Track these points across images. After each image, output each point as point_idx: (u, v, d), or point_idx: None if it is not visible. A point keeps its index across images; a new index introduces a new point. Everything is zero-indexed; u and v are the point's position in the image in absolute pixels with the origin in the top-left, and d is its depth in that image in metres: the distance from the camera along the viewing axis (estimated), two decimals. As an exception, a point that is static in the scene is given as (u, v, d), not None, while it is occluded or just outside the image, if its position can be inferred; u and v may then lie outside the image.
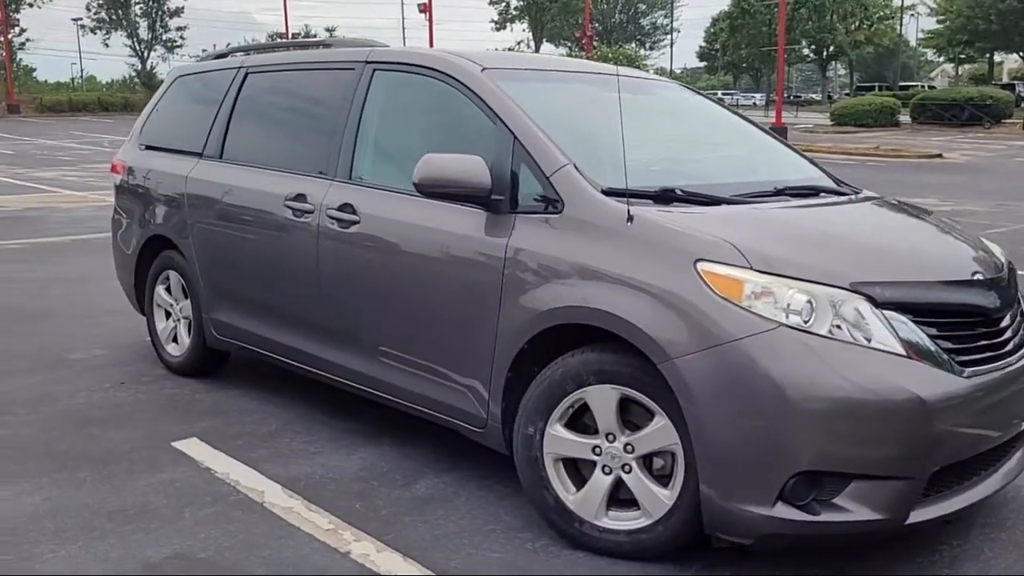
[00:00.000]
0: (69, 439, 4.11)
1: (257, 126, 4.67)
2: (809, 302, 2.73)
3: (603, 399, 2.98)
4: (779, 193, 3.50)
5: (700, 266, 2.81)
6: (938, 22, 59.82)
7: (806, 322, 2.72)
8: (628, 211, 2.97)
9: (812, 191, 3.69)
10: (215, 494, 3.55)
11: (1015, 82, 56.79)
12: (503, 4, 61.69)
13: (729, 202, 3.24)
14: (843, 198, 3.76)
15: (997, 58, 62.41)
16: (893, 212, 3.74)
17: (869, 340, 2.73)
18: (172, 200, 4.92)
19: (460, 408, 3.47)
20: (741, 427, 2.69)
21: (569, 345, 3.12)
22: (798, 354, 2.67)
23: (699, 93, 4.66)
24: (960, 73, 72.08)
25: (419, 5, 40.39)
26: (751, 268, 2.79)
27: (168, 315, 5.20)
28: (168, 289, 5.16)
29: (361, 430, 4.25)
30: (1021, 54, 53.15)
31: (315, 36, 74.95)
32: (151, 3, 58.72)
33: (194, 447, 4.04)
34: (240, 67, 4.81)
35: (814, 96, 75.46)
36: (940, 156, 24.49)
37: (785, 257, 2.86)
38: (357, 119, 3.96)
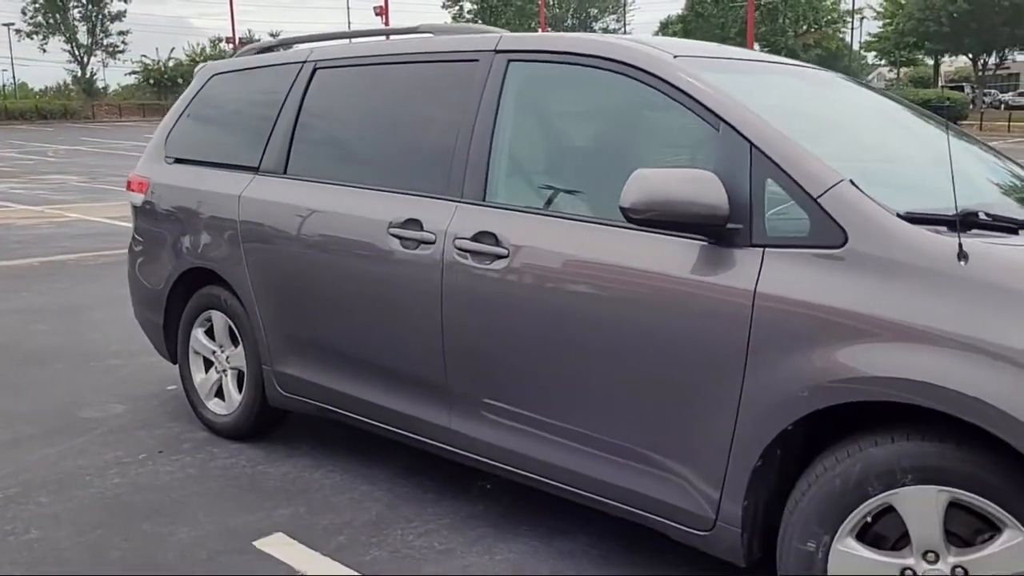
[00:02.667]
0: (120, 543, 3.18)
1: (334, 134, 3.78)
2: None
3: (923, 504, 2.17)
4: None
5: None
6: (883, 25, 60.38)
7: None
8: (960, 245, 2.16)
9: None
10: (341, 624, 2.67)
11: (963, 83, 57.67)
12: (456, 8, 60.79)
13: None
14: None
15: (930, 61, 63.23)
16: None
17: None
18: (219, 225, 4.00)
19: (669, 503, 2.64)
20: None
21: (846, 427, 2.32)
22: None
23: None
24: (900, 76, 72.99)
25: (375, 8, 39.27)
26: None
27: (209, 365, 4.27)
28: (210, 333, 4.23)
29: (484, 514, 3.39)
30: (970, 56, 53.78)
31: (258, 40, 73.21)
32: (90, 7, 56.49)
33: (285, 548, 3.14)
34: (305, 61, 3.90)
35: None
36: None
37: None
38: (490, 124, 3.10)
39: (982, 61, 53.99)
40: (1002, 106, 52.02)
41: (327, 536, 3.22)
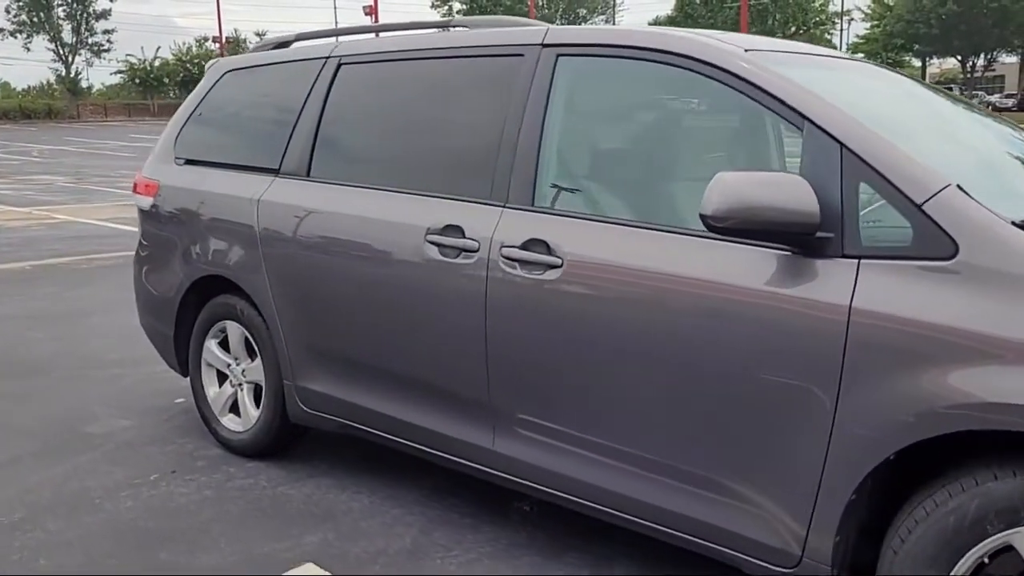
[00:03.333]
0: (136, 572, 2.94)
1: (362, 134, 3.54)
2: None
3: (1049, 545, 1.96)
4: None
5: None
6: (872, 27, 60.53)
7: None
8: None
9: None
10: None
11: (951, 85, 57.86)
12: (446, 7, 60.48)
13: None
14: None
15: (916, 63, 63.44)
16: None
17: None
18: (235, 231, 3.76)
19: (746, 536, 2.42)
20: None
21: (946, 456, 2.12)
22: None
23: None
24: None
25: (364, 8, 38.96)
26: None
27: (223, 378, 4.03)
28: (224, 344, 3.99)
29: (528, 542, 3.17)
30: (959, 58, 53.94)
31: (244, 40, 72.67)
32: (75, 5, 55.87)
33: (318, 580, 2.91)
34: (328, 57, 3.67)
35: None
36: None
37: None
38: (538, 124, 2.88)
39: (971, 63, 54.15)
40: (989, 107, 52.19)
41: (361, 566, 2.99)
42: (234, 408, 4.01)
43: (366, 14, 39.29)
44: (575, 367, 2.72)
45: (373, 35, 3.88)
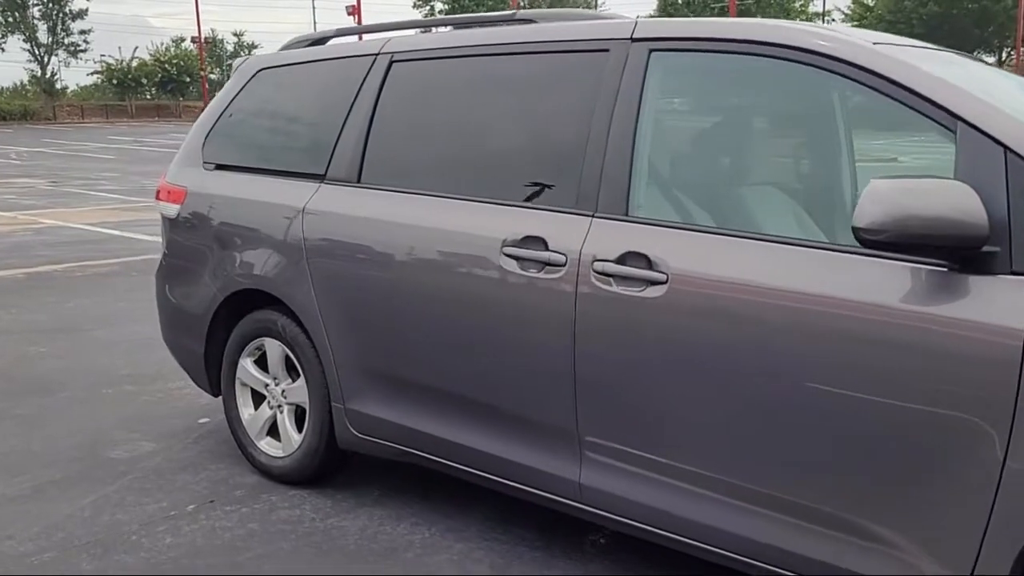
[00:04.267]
0: (192, 624, 2.67)
1: (420, 137, 3.27)
2: None
3: None
4: None
5: None
6: (853, 27, 60.74)
7: None
8: None
9: None
10: None
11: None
12: (428, 8, 60.08)
13: None
14: None
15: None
16: None
17: None
18: (277, 242, 3.48)
19: (886, 582, 2.18)
20: None
21: None
22: None
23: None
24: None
25: (347, 7, 38.53)
26: None
27: (259, 399, 3.75)
28: (260, 363, 3.71)
29: (610, 577, 2.92)
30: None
31: (222, 41, 71.91)
32: (50, 5, 54.97)
33: (394, 629, 2.64)
34: (379, 54, 3.40)
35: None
36: (895, 160, 24.11)
37: None
38: (630, 125, 2.62)
39: (950, 63, 54.40)
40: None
41: (437, 611, 2.73)
42: (272, 431, 3.73)
43: (348, 14, 38.88)
44: (680, 394, 2.47)
45: (416, 31, 3.62)
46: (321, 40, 3.90)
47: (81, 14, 56.18)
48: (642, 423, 2.58)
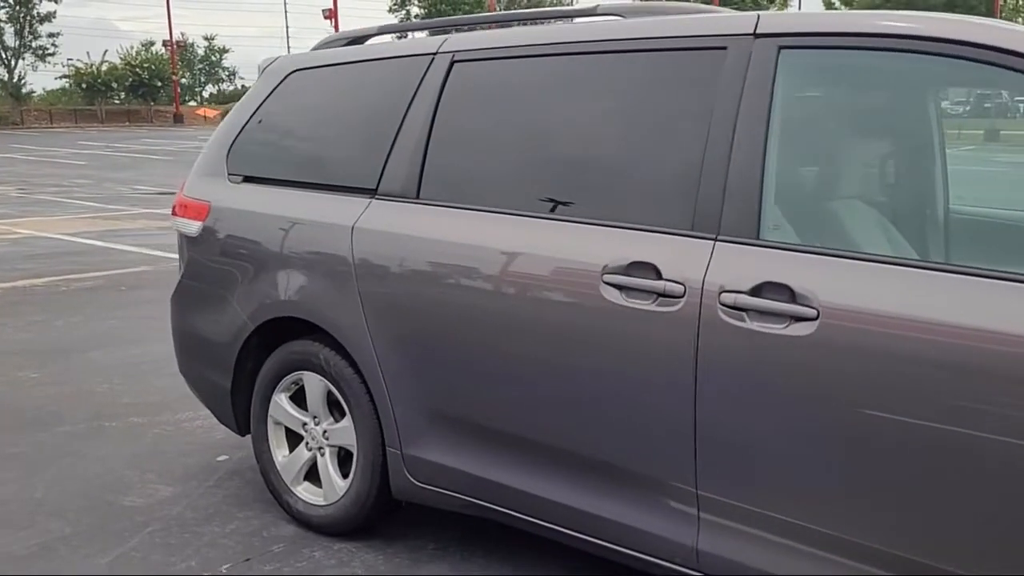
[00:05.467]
0: None
1: (492, 148, 2.88)
2: None
3: None
4: None
5: None
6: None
7: None
8: None
9: None
10: None
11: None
12: (403, 12, 59.48)
13: None
14: None
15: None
16: None
17: None
18: (321, 264, 3.09)
19: None
20: None
21: None
22: None
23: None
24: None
25: (324, 11, 37.97)
26: None
27: (295, 438, 3.35)
28: (297, 399, 3.31)
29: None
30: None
31: (192, 44, 70.91)
32: (17, 8, 53.75)
33: None
34: (437, 53, 3.01)
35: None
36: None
37: None
38: (759, 134, 2.25)
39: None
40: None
41: None
42: (311, 475, 3.33)
43: (325, 18, 38.34)
44: (828, 447, 2.11)
45: (465, 29, 3.24)
46: (360, 39, 3.51)
47: (49, 17, 55.08)
48: (777, 480, 2.21)
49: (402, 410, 2.92)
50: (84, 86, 54.40)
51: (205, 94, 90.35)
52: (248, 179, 3.48)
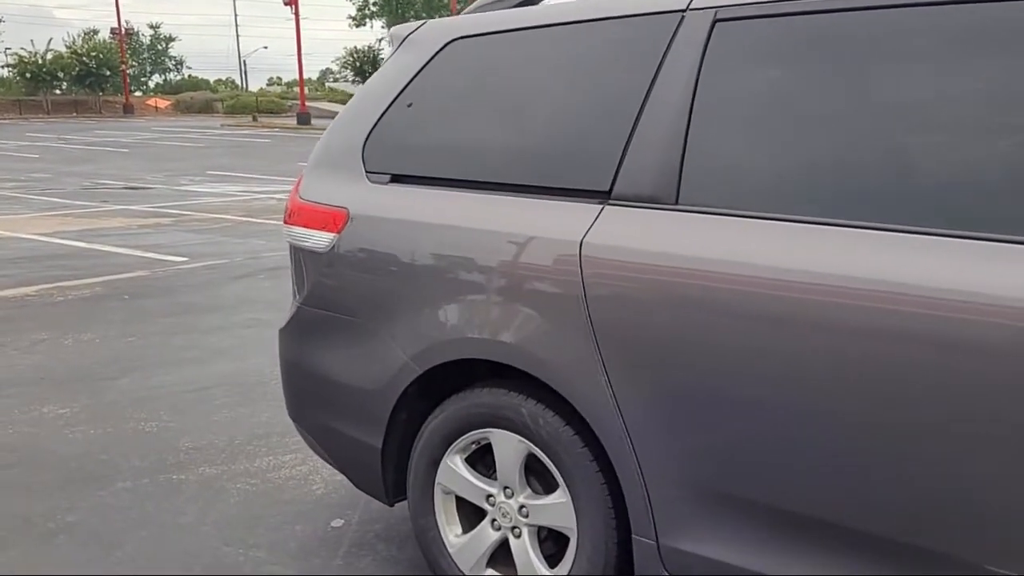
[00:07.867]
0: None
1: (797, 139, 2.13)
2: None
3: None
4: None
5: None
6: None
7: None
8: None
9: None
10: None
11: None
12: (361, 1, 57.80)
13: None
14: None
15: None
16: None
17: None
18: (529, 290, 2.33)
19: None
20: None
21: None
22: None
23: None
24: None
25: (284, -1, 36.63)
26: None
27: (475, 513, 2.60)
28: (476, 463, 2.56)
29: None
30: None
31: (136, 32, 68.69)
32: (-48, -5, 51.39)
33: None
34: (687, 10, 2.27)
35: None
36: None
37: None
38: None
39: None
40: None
41: None
42: (495, 558, 2.58)
43: (285, 3, 37.03)
44: None
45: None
46: (531, -1, 2.75)
47: (-12, 4, 52.74)
48: None
49: (658, 486, 2.19)
50: (28, 75, 52.16)
51: (151, 84, 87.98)
52: (397, 178, 2.70)
